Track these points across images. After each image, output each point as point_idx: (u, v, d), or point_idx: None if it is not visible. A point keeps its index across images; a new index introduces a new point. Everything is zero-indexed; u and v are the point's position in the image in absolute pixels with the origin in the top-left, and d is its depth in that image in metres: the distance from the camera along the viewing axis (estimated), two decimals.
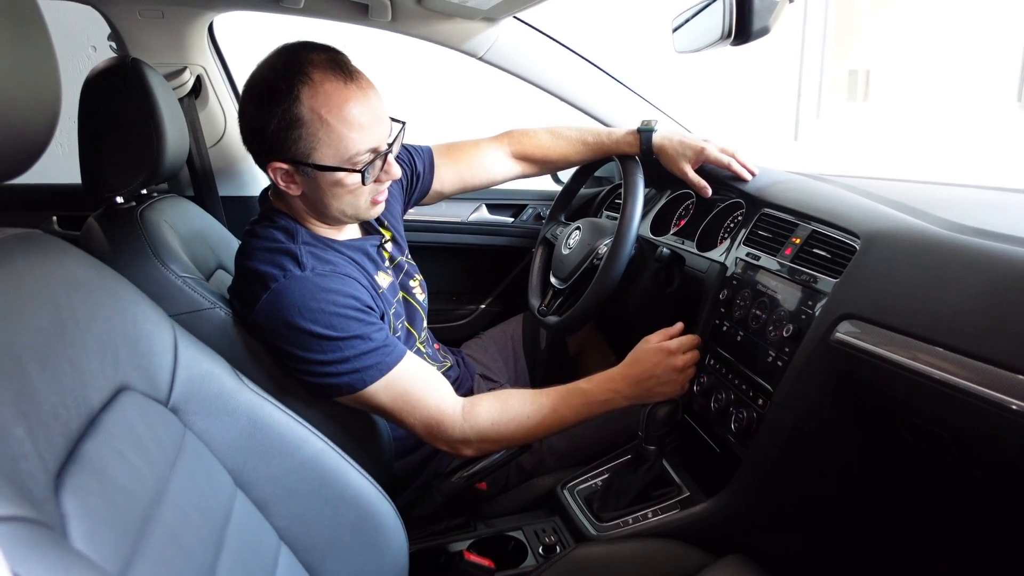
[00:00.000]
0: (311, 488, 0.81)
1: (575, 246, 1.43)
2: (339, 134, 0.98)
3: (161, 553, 0.53)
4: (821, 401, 0.97)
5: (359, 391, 1.03)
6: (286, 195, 1.08)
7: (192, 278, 1.10)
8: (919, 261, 0.87)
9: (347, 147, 0.99)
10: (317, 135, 0.98)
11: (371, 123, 1.00)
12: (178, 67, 1.61)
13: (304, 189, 1.05)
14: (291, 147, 1.00)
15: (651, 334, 1.15)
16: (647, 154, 1.38)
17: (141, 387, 0.66)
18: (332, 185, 1.03)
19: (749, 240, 1.23)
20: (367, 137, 1.00)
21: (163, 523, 0.56)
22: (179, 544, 0.56)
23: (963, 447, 0.86)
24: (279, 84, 0.98)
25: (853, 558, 1.11)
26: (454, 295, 2.08)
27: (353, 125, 0.99)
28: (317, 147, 0.99)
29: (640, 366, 1.12)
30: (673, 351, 1.13)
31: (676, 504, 1.14)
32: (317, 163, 1.00)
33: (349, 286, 1.05)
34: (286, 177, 1.04)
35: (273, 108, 0.98)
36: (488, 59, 1.63)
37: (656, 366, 1.12)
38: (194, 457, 0.69)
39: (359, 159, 1.01)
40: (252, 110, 1.01)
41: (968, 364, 0.74)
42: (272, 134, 0.99)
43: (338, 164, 1.01)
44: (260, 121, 1.00)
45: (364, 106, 1.00)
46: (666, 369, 1.12)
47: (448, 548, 1.14)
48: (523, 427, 1.10)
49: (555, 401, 1.11)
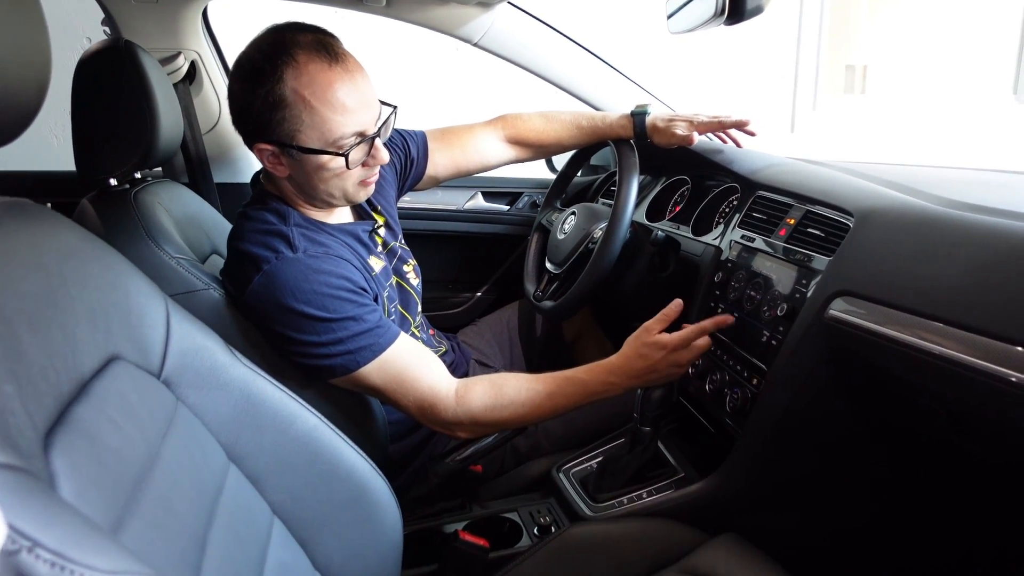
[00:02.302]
0: (304, 463, 0.81)
1: (570, 231, 1.43)
2: (323, 116, 0.98)
3: (153, 516, 0.53)
4: (815, 379, 0.97)
5: (352, 372, 1.03)
6: (276, 177, 1.08)
7: (186, 259, 1.09)
8: (912, 236, 0.87)
9: (331, 130, 0.99)
10: (300, 117, 0.98)
11: (357, 106, 0.99)
12: (172, 52, 1.60)
13: (291, 171, 1.04)
14: (275, 128, 0.99)
15: (650, 321, 1.09)
16: (641, 137, 1.38)
17: (133, 358, 0.66)
18: (317, 168, 1.02)
19: (744, 223, 1.23)
20: (352, 120, 0.99)
21: (155, 489, 0.56)
22: (171, 510, 0.56)
23: (958, 422, 0.86)
24: (264, 65, 0.97)
25: (848, 537, 1.11)
26: (450, 283, 2.08)
27: (337, 107, 0.98)
28: (301, 129, 0.99)
29: (643, 361, 1.07)
30: (677, 345, 1.07)
31: (671, 484, 1.14)
32: (301, 145, 1.00)
33: (342, 267, 1.04)
34: (272, 159, 1.03)
35: (257, 89, 0.97)
36: (483, 45, 1.62)
37: (660, 362, 1.07)
38: (186, 429, 0.69)
39: (344, 142, 1.01)
40: (238, 90, 1.01)
41: (964, 337, 0.74)
42: (257, 115, 0.99)
43: (322, 147, 1.00)
44: (246, 102, 0.99)
45: (350, 88, 0.99)
46: (669, 364, 1.07)
47: (443, 529, 1.15)
48: (517, 414, 1.09)
49: (551, 389, 1.09)
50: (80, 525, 0.36)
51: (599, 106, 1.70)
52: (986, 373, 0.70)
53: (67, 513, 0.36)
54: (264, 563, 0.71)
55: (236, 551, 0.66)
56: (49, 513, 0.35)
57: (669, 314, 1.09)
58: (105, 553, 0.35)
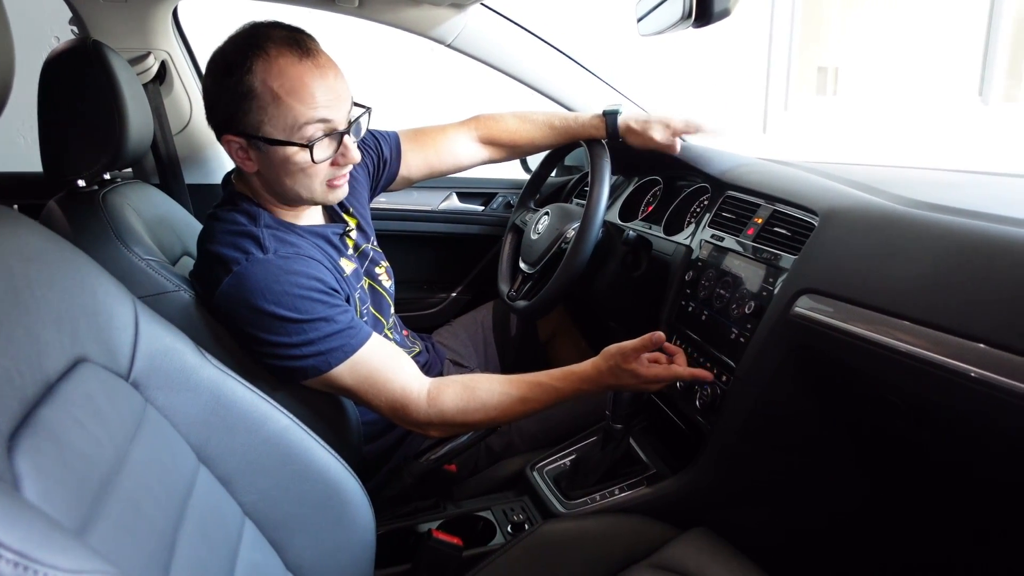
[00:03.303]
0: (276, 464, 0.81)
1: (543, 231, 1.44)
2: (288, 107, 0.97)
3: (120, 518, 0.53)
4: (782, 375, 0.99)
5: (324, 373, 1.02)
6: (247, 175, 1.07)
7: (156, 261, 1.08)
8: (874, 235, 0.89)
9: (295, 119, 0.98)
10: (267, 108, 0.98)
11: (325, 100, 0.99)
12: (142, 52, 1.58)
13: (259, 166, 1.04)
14: (242, 119, 0.99)
15: (631, 344, 1.06)
16: (613, 137, 1.39)
17: (101, 360, 0.65)
18: (283, 161, 1.02)
19: (714, 222, 1.25)
20: (317, 112, 0.99)
21: (123, 491, 0.55)
22: (139, 511, 0.56)
23: (919, 416, 0.88)
24: (235, 56, 0.98)
25: (816, 532, 1.13)
26: (425, 283, 2.08)
27: (302, 98, 0.98)
28: (266, 120, 0.99)
29: (615, 380, 1.08)
30: (649, 380, 1.07)
31: (643, 481, 1.16)
32: (266, 136, 1.00)
33: (313, 268, 1.04)
34: (241, 152, 1.03)
35: (227, 79, 0.98)
36: (457, 46, 1.63)
37: (630, 384, 1.09)
38: (155, 431, 0.69)
39: (309, 134, 1.00)
40: (210, 82, 1.01)
41: (924, 333, 0.76)
42: (225, 106, 0.99)
43: (287, 138, 1.00)
44: (215, 93, 1.00)
45: (319, 82, 0.99)
46: (642, 383, 1.08)
47: (417, 528, 1.15)
48: (489, 416, 1.09)
49: (524, 393, 1.09)
50: (44, 525, 0.36)
51: (572, 106, 1.71)
52: (945, 368, 0.72)
53: (30, 513, 0.36)
54: (235, 564, 0.71)
55: (206, 552, 0.66)
56: (11, 514, 0.35)
57: (650, 342, 1.06)
58: (69, 552, 0.35)
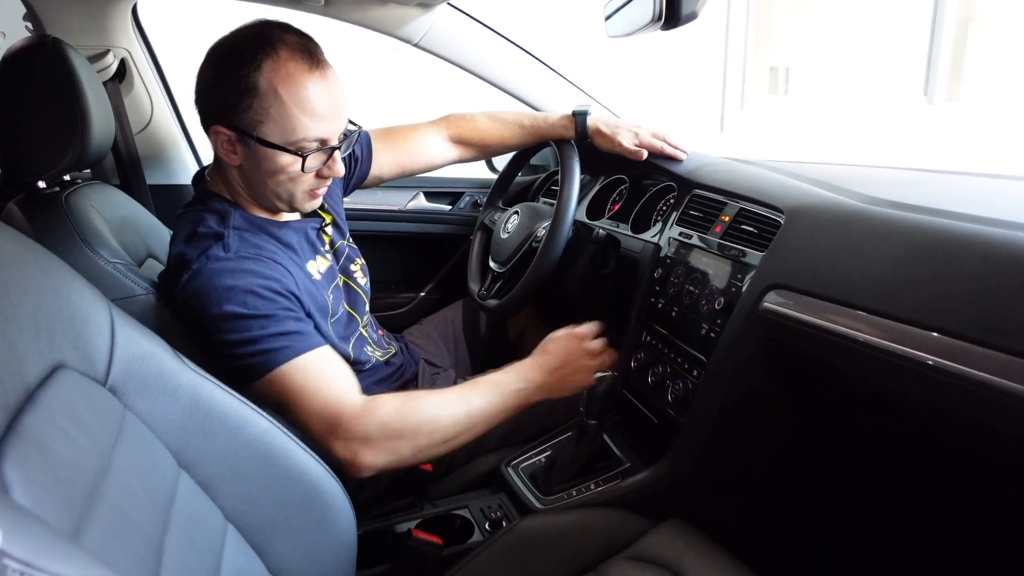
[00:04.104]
0: (256, 468, 0.80)
1: (513, 230, 1.45)
2: (290, 114, 0.97)
3: (109, 525, 0.52)
4: (752, 369, 1.02)
5: (266, 374, 0.97)
6: (225, 169, 1.06)
7: (123, 264, 1.06)
8: (838, 232, 0.92)
9: (295, 129, 0.98)
10: (268, 109, 0.97)
11: (326, 113, 0.99)
12: (100, 50, 1.54)
13: (243, 162, 1.03)
14: (239, 114, 0.98)
15: (579, 327, 1.14)
16: (582, 137, 1.41)
17: (78, 366, 0.64)
18: (271, 165, 1.01)
19: (681, 220, 1.28)
20: (318, 125, 0.99)
21: (109, 498, 0.54)
22: (127, 519, 0.55)
23: (882, 408, 0.92)
24: (243, 50, 0.97)
25: (789, 521, 1.17)
26: (393, 283, 2.07)
27: (307, 109, 0.98)
28: (265, 121, 0.98)
29: (551, 355, 1.10)
30: (583, 336, 1.13)
31: (618, 475, 1.17)
32: (261, 137, 0.99)
33: (271, 268, 1.03)
34: (227, 145, 1.02)
35: (231, 71, 0.97)
36: (423, 46, 1.63)
37: (569, 353, 1.11)
38: (135, 437, 0.67)
39: (304, 144, 1.00)
40: (209, 71, 1.00)
41: (885, 325, 0.79)
42: (224, 96, 0.98)
43: (282, 144, 0.99)
44: (215, 82, 0.99)
45: (323, 95, 0.99)
46: (579, 354, 1.10)
47: (395, 529, 1.15)
48: (429, 419, 1.01)
49: (463, 390, 1.07)
50: (46, 534, 0.35)
51: (538, 106, 1.73)
52: (905, 357, 0.76)
53: (31, 522, 0.36)
54: (220, 570, 0.71)
55: (192, 558, 0.66)
56: (14, 523, 0.34)
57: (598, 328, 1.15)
58: (73, 561, 0.35)
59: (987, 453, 0.85)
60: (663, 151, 1.38)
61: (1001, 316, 0.70)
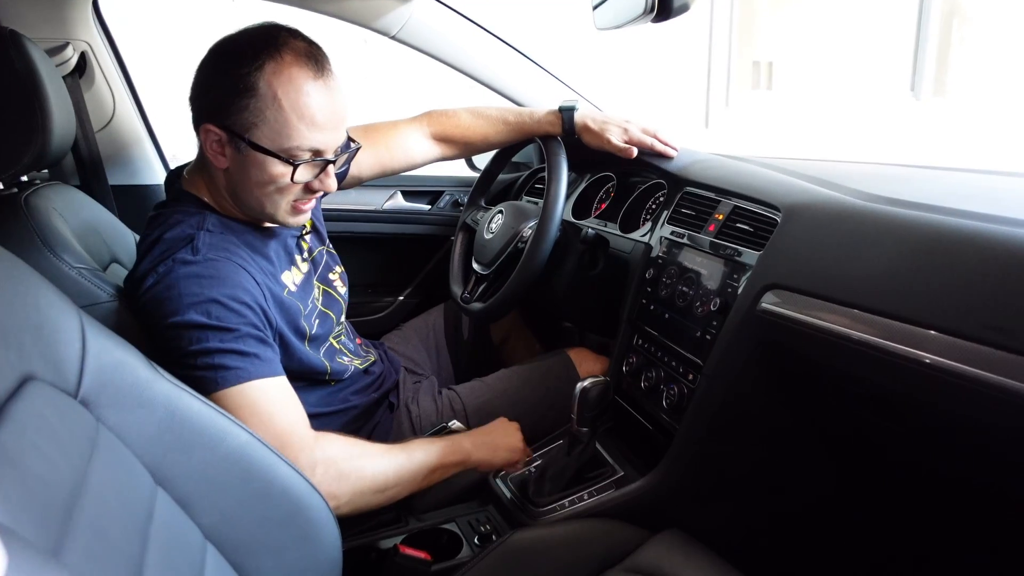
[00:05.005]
0: (236, 483, 0.79)
1: (498, 230, 1.44)
2: (287, 120, 0.96)
3: (88, 545, 0.51)
4: (749, 372, 1.03)
5: (212, 393, 0.95)
6: (210, 170, 1.04)
7: (88, 269, 1.05)
8: (837, 230, 0.94)
9: (289, 135, 0.97)
10: (264, 112, 0.96)
11: (324, 123, 0.99)
12: (59, 43, 1.52)
13: (231, 165, 1.02)
14: (234, 114, 0.97)
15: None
16: (569, 133, 1.41)
17: (48, 377, 0.63)
18: (259, 171, 1.00)
19: (672, 219, 1.29)
20: (314, 135, 0.98)
21: (86, 516, 0.53)
22: (105, 538, 0.54)
23: (880, 409, 0.93)
24: (247, 49, 0.96)
25: (788, 529, 1.18)
26: (370, 287, 2.06)
27: (305, 117, 0.97)
28: (259, 124, 0.97)
29: (485, 429, 1.25)
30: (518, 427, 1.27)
31: (611, 484, 1.18)
32: (253, 140, 0.98)
33: (240, 275, 1.01)
34: (216, 146, 1.00)
35: (231, 69, 0.96)
36: (401, 38, 1.62)
37: (504, 428, 1.26)
38: (110, 453, 0.66)
39: (297, 153, 0.99)
40: (209, 67, 1.00)
41: (885, 324, 0.81)
42: (220, 94, 0.97)
43: (274, 149, 0.98)
44: (213, 79, 0.98)
45: (324, 104, 0.98)
46: (511, 431, 1.24)
47: (379, 545, 1.14)
48: (373, 464, 1.05)
49: (406, 446, 1.12)
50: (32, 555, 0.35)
51: (522, 102, 1.72)
52: (905, 357, 0.78)
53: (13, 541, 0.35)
54: None
55: None
56: None
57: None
58: None
59: (988, 453, 0.87)
60: (653, 148, 1.39)
61: (1002, 314, 0.71)
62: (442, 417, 1.36)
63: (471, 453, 1.17)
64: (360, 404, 1.29)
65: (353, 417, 1.27)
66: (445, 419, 1.34)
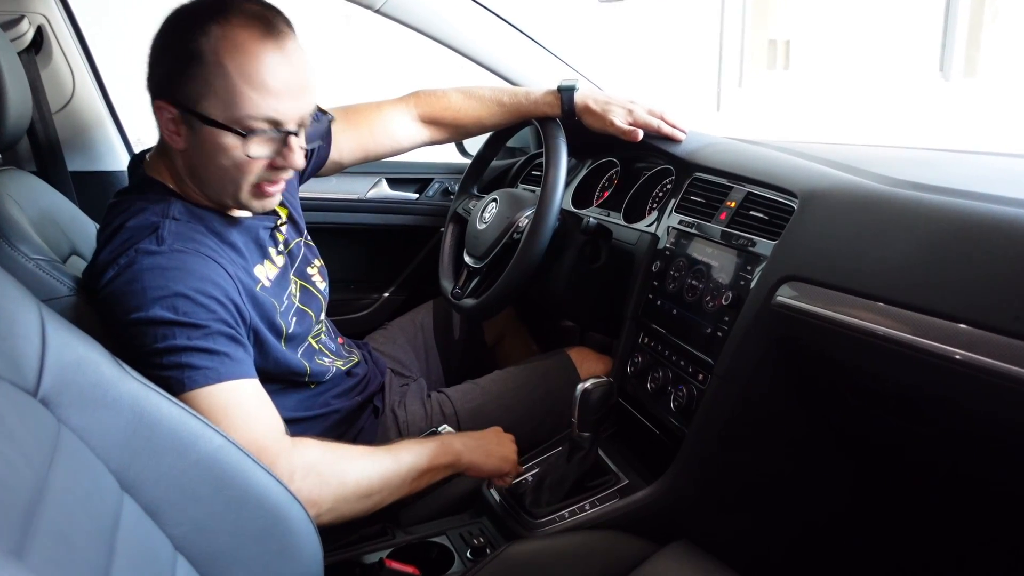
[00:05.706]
0: (209, 491, 0.79)
1: (492, 220, 1.45)
2: (234, 87, 0.96)
3: (51, 552, 0.51)
4: (763, 371, 1.04)
5: (179, 394, 0.94)
6: (170, 153, 1.04)
7: (46, 260, 1.05)
8: (858, 217, 0.94)
9: (239, 105, 0.97)
10: (211, 82, 0.96)
11: (279, 89, 0.98)
12: (13, 16, 1.52)
13: (187, 145, 1.02)
14: (180, 86, 0.97)
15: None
16: (569, 115, 1.42)
17: (6, 374, 0.63)
18: (215, 147, 1.00)
19: (681, 207, 1.29)
20: (268, 102, 0.98)
21: (49, 522, 0.54)
22: (70, 545, 0.55)
23: (905, 409, 0.94)
24: (192, 16, 0.97)
25: (806, 540, 1.19)
26: (353, 283, 2.06)
27: (253, 82, 0.96)
28: (207, 95, 0.97)
29: (485, 436, 1.24)
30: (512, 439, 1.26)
31: (615, 493, 1.19)
32: (202, 113, 0.98)
33: (210, 268, 1.01)
34: (172, 125, 1.01)
35: (176, 38, 0.97)
36: (386, 12, 1.62)
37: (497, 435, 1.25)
38: (73, 456, 0.67)
39: (250, 123, 0.98)
40: (158, 39, 1.00)
41: (911, 318, 0.81)
42: (166, 66, 0.98)
43: (225, 121, 0.98)
44: (160, 49, 0.99)
45: (277, 67, 0.97)
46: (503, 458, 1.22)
47: (364, 560, 1.14)
48: (356, 467, 1.05)
49: (397, 445, 1.13)
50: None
51: (518, 81, 1.73)
52: (932, 353, 0.78)
53: None
54: None
55: None
56: None
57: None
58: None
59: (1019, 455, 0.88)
60: (660, 130, 1.40)
61: None
62: (431, 422, 1.36)
63: (462, 454, 1.17)
64: (342, 408, 1.29)
65: (335, 422, 1.28)
66: (435, 424, 1.34)
